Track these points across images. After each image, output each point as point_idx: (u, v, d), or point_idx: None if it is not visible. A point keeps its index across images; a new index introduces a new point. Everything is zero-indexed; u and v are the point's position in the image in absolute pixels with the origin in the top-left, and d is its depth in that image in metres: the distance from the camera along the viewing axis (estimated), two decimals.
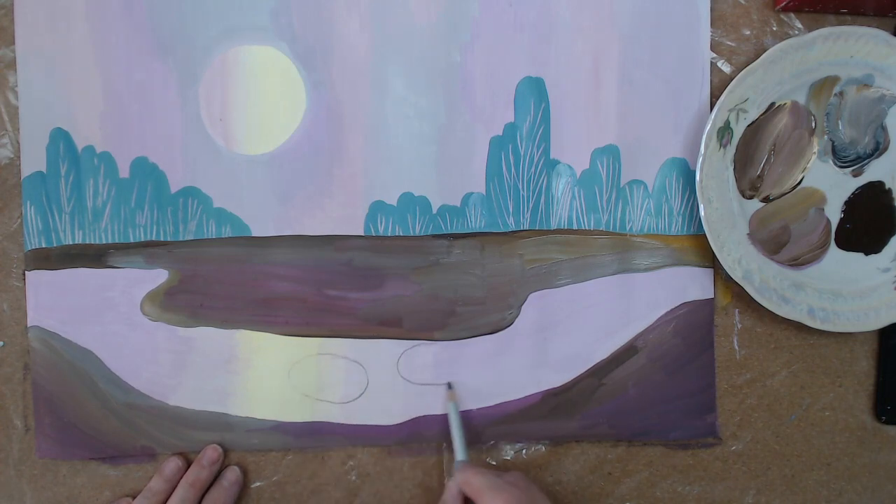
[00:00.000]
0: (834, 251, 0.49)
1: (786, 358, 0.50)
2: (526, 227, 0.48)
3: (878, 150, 0.48)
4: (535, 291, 0.48)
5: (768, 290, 0.47)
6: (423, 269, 0.48)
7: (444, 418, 0.48)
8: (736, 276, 0.46)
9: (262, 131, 0.47)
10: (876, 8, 0.48)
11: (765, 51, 0.46)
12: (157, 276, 0.47)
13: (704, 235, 0.46)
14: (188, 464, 0.47)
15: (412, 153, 0.47)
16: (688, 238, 0.49)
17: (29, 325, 0.46)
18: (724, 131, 0.46)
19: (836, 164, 0.48)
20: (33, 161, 0.46)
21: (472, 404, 0.48)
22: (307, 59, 0.47)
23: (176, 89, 0.46)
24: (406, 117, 0.47)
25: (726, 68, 0.49)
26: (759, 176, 0.48)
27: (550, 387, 0.49)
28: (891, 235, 0.49)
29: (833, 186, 0.48)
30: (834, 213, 0.49)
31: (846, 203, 0.49)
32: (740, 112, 0.46)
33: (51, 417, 0.46)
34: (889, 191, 0.49)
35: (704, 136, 0.45)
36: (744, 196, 0.48)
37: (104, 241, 0.46)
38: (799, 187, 0.48)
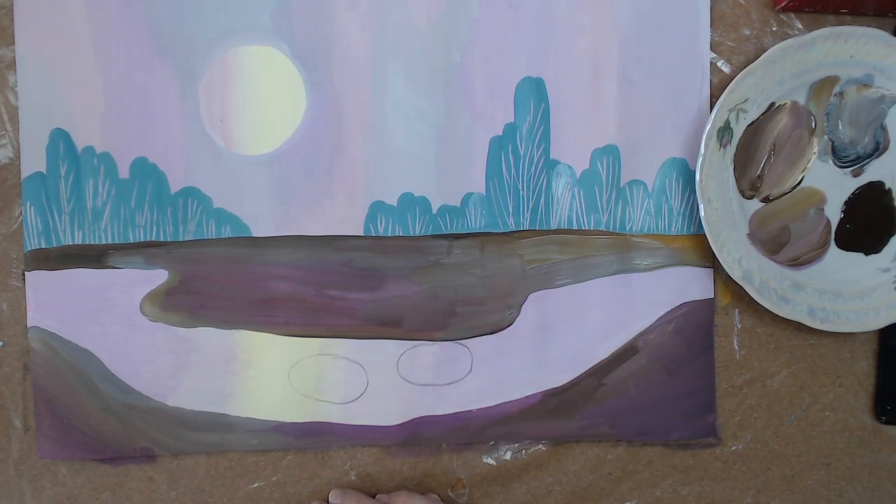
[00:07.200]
0: (834, 251, 0.49)
1: (786, 358, 0.50)
2: (526, 227, 0.48)
3: (878, 150, 0.48)
4: (535, 291, 0.48)
5: (768, 290, 0.47)
6: (423, 270, 0.48)
7: (443, 419, 0.48)
8: (736, 276, 0.46)
9: (262, 131, 0.47)
10: (876, 8, 0.48)
11: (765, 51, 0.46)
12: (157, 277, 0.47)
13: (704, 235, 0.46)
14: None
15: (412, 153, 0.47)
16: (688, 238, 0.49)
17: (29, 325, 0.46)
18: (724, 131, 0.46)
19: (836, 164, 0.48)
20: (33, 161, 0.46)
21: (472, 404, 0.48)
22: (307, 59, 0.47)
23: (176, 89, 0.46)
24: (406, 117, 0.47)
25: (726, 68, 0.49)
26: (759, 176, 0.48)
27: (550, 387, 0.49)
28: (891, 235, 0.49)
29: (833, 186, 0.48)
30: (834, 213, 0.49)
31: (846, 203, 0.49)
32: (740, 112, 0.46)
33: (51, 418, 0.46)
34: (889, 191, 0.49)
35: (704, 136, 0.45)
36: (744, 196, 0.48)
37: (104, 242, 0.46)
38: (799, 187, 0.48)
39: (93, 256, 0.46)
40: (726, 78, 0.48)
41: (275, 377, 0.47)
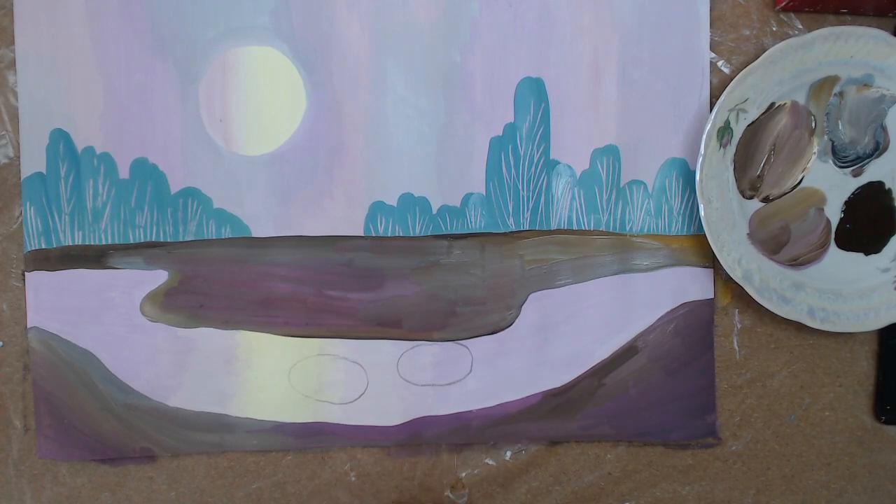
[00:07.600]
0: (834, 251, 0.49)
1: (786, 358, 0.50)
2: (526, 227, 0.48)
3: (878, 150, 0.48)
4: (535, 292, 0.48)
5: (768, 290, 0.47)
6: (423, 270, 0.48)
7: (443, 419, 0.48)
8: (736, 276, 0.46)
9: (262, 132, 0.47)
10: (876, 8, 0.48)
11: (765, 51, 0.46)
12: (157, 277, 0.47)
13: (704, 235, 0.46)
14: None
15: (412, 153, 0.47)
16: (688, 238, 0.49)
17: (29, 325, 0.46)
18: (724, 131, 0.46)
19: (836, 164, 0.48)
20: (33, 161, 0.46)
21: (472, 404, 0.48)
22: (307, 60, 0.47)
23: (176, 89, 0.46)
24: (406, 117, 0.47)
25: (726, 68, 0.49)
26: (759, 176, 0.48)
27: (550, 387, 0.49)
28: (891, 235, 0.49)
29: (833, 186, 0.48)
30: (834, 213, 0.49)
31: (846, 203, 0.49)
32: (740, 112, 0.46)
33: (51, 418, 0.46)
34: (889, 191, 0.49)
35: (704, 136, 0.45)
36: (744, 196, 0.48)
37: (104, 242, 0.46)
38: (799, 187, 0.48)
39: (93, 257, 0.46)
40: (726, 78, 0.48)
41: (275, 377, 0.47)
